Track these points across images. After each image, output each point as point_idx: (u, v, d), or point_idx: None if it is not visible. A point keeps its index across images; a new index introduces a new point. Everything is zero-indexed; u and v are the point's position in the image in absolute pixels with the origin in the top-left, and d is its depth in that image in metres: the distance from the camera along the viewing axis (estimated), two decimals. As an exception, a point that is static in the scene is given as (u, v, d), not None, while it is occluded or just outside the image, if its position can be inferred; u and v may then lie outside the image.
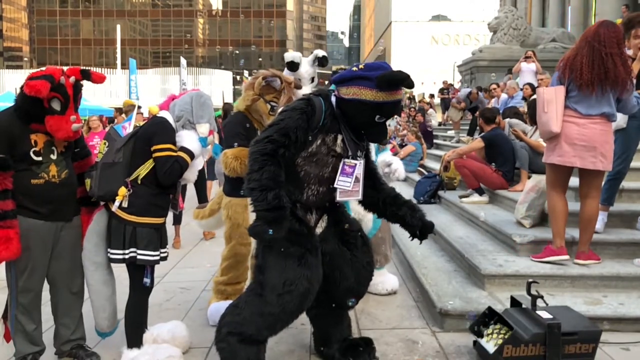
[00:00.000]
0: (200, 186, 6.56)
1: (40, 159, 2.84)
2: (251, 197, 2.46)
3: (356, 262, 2.84)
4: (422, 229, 2.86)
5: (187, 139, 3.03)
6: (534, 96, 7.09)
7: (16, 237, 2.74)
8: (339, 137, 2.67)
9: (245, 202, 3.45)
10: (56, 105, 2.81)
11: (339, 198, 2.73)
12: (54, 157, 2.90)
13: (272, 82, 3.43)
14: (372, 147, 3.76)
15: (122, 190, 2.88)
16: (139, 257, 2.91)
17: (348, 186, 2.66)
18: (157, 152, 2.91)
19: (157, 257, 2.99)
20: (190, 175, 3.14)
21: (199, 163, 3.23)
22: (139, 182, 2.92)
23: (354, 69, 2.62)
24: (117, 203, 2.89)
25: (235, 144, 3.38)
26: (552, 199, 3.95)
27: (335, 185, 2.67)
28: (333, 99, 2.68)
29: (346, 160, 2.67)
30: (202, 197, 6.56)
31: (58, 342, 3.12)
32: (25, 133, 2.83)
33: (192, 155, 3.01)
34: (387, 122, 2.76)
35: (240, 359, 2.64)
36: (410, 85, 2.55)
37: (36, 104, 2.78)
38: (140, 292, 3.04)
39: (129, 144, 2.98)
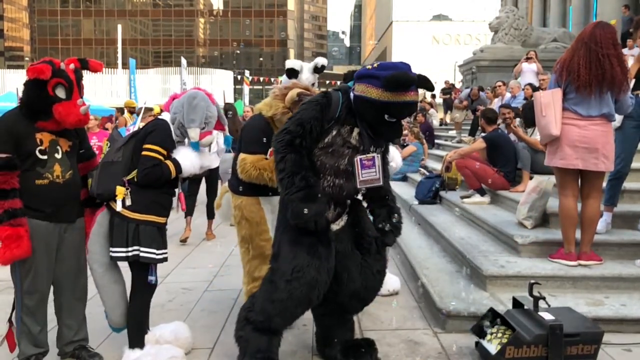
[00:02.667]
0: (211, 185, 6.59)
1: (45, 157, 2.85)
2: (281, 187, 2.61)
3: (366, 268, 2.85)
4: (382, 239, 2.89)
5: (182, 154, 3.04)
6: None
7: (26, 235, 2.76)
8: (355, 130, 2.72)
9: (257, 199, 3.45)
10: (61, 93, 2.82)
11: (359, 185, 2.75)
12: (58, 156, 2.91)
13: (305, 100, 3.40)
14: None
15: (121, 190, 2.89)
16: (142, 254, 2.92)
17: (374, 175, 2.72)
18: (144, 151, 2.94)
19: (161, 256, 3.00)
20: (192, 170, 3.11)
21: (215, 160, 3.22)
22: (136, 180, 2.94)
23: (368, 67, 2.68)
24: (119, 202, 2.90)
25: (259, 147, 3.36)
26: (560, 203, 3.94)
27: (361, 179, 2.71)
28: (352, 93, 2.74)
29: (362, 156, 2.70)
30: (212, 195, 6.57)
31: (61, 343, 3.13)
32: (31, 132, 2.84)
33: (179, 170, 3.01)
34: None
35: (251, 348, 2.68)
36: (430, 88, 2.67)
37: (41, 92, 2.79)
38: (142, 292, 3.05)
39: (130, 144, 3.01)
